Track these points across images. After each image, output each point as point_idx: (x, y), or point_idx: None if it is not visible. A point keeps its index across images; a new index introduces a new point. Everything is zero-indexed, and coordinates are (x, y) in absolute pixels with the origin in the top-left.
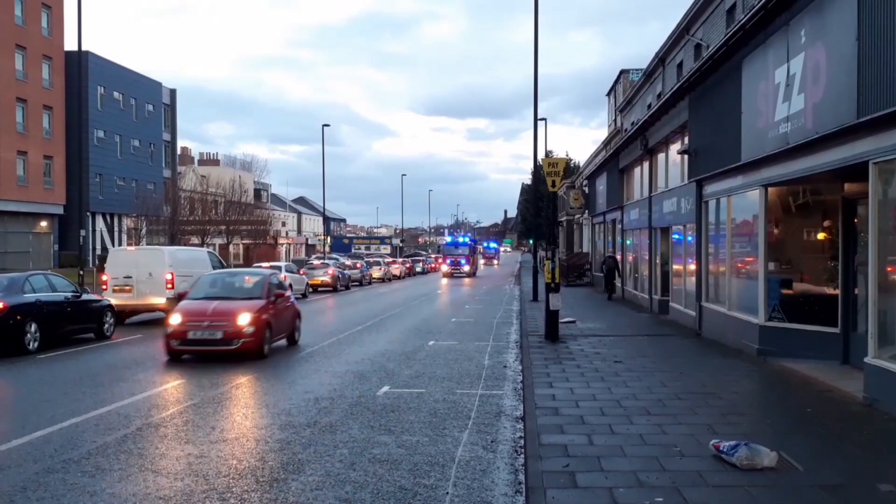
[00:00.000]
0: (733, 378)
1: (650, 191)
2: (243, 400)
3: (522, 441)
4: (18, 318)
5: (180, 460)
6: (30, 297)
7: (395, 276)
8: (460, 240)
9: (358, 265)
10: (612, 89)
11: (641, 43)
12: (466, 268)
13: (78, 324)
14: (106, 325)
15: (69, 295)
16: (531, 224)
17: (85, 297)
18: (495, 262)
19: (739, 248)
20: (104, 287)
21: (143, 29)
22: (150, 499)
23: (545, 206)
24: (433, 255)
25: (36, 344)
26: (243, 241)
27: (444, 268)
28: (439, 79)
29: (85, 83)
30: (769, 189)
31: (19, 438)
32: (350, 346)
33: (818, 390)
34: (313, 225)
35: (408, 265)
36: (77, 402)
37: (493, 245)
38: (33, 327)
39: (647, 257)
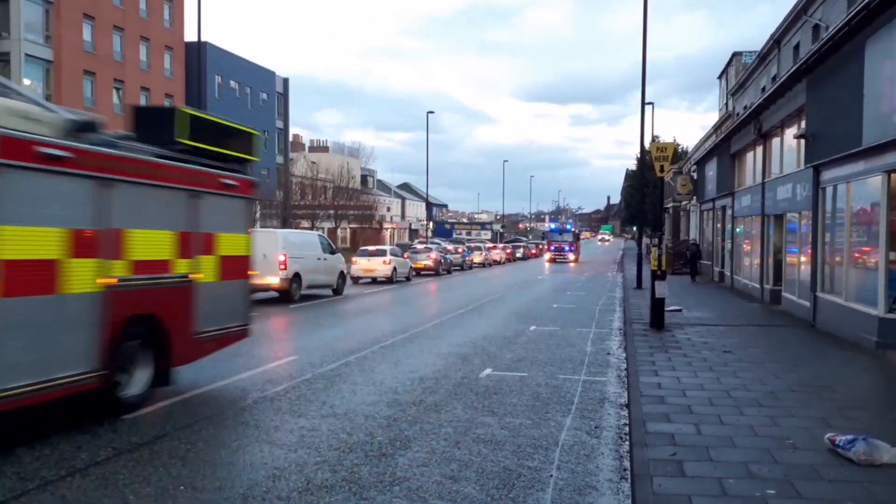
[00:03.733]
0: (850, 371)
1: (763, 177)
2: (351, 377)
3: (627, 428)
4: None
5: (293, 433)
6: None
7: (495, 261)
8: None
9: (459, 250)
10: (724, 72)
11: (751, 26)
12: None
13: None
14: None
15: None
16: (635, 211)
17: None
18: (570, 256)
19: (858, 236)
20: None
21: (259, 20)
22: (266, 468)
23: (651, 192)
24: (533, 241)
25: None
26: (350, 226)
27: None
28: (542, 65)
29: (204, 72)
30: (892, 175)
31: (152, 405)
32: (452, 328)
33: None
34: (416, 210)
35: (508, 251)
36: (197, 374)
37: (566, 228)
38: None
39: (758, 245)
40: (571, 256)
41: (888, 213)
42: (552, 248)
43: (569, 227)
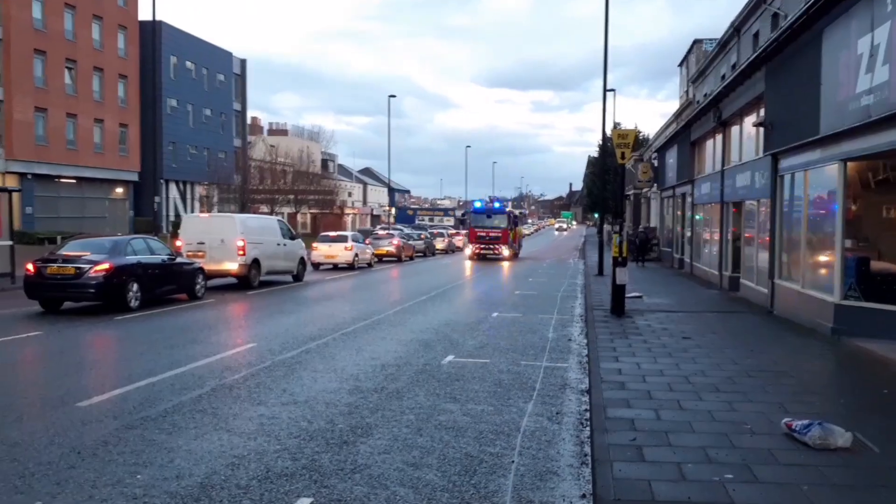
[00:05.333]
0: (806, 357)
1: (723, 164)
2: (312, 364)
3: (588, 414)
4: (123, 277)
5: (252, 421)
6: (131, 258)
7: (458, 247)
8: None
9: (422, 236)
10: (685, 60)
11: (711, 15)
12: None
13: (173, 284)
14: (197, 287)
15: (165, 258)
16: (597, 198)
17: (179, 259)
18: (503, 250)
19: (815, 224)
20: (178, 252)
21: (215, 0)
22: (224, 456)
23: (612, 179)
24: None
25: (137, 302)
26: (311, 211)
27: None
28: (503, 51)
29: (158, 53)
30: (848, 164)
31: (106, 393)
32: (415, 315)
33: (895, 371)
34: (378, 196)
35: None
36: (154, 362)
37: (497, 207)
38: (135, 287)
39: (717, 232)
40: (505, 251)
41: (844, 200)
42: (476, 237)
43: (498, 205)
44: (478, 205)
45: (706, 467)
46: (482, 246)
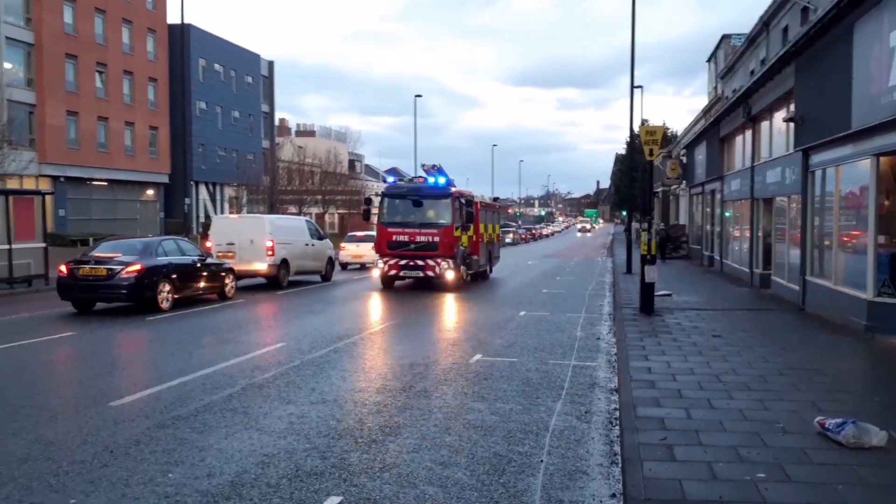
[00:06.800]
0: (839, 354)
1: (752, 160)
2: (340, 364)
3: (617, 413)
4: (154, 278)
5: (282, 419)
6: (162, 259)
7: None
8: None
9: None
10: (713, 55)
11: (738, 9)
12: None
13: (203, 284)
14: (227, 287)
15: (196, 258)
16: (625, 195)
17: (209, 260)
18: (445, 270)
19: (847, 220)
20: (208, 253)
21: (238, 2)
22: (255, 455)
23: (640, 176)
24: (524, 227)
25: (168, 303)
26: (338, 211)
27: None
28: (527, 49)
29: (187, 56)
30: (881, 158)
31: (138, 392)
32: (442, 314)
33: None
34: None
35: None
36: (185, 362)
37: (433, 185)
38: (166, 287)
39: (747, 229)
40: (449, 273)
41: (877, 196)
42: (388, 244)
43: (440, 180)
44: (392, 179)
45: (738, 466)
46: (400, 261)
